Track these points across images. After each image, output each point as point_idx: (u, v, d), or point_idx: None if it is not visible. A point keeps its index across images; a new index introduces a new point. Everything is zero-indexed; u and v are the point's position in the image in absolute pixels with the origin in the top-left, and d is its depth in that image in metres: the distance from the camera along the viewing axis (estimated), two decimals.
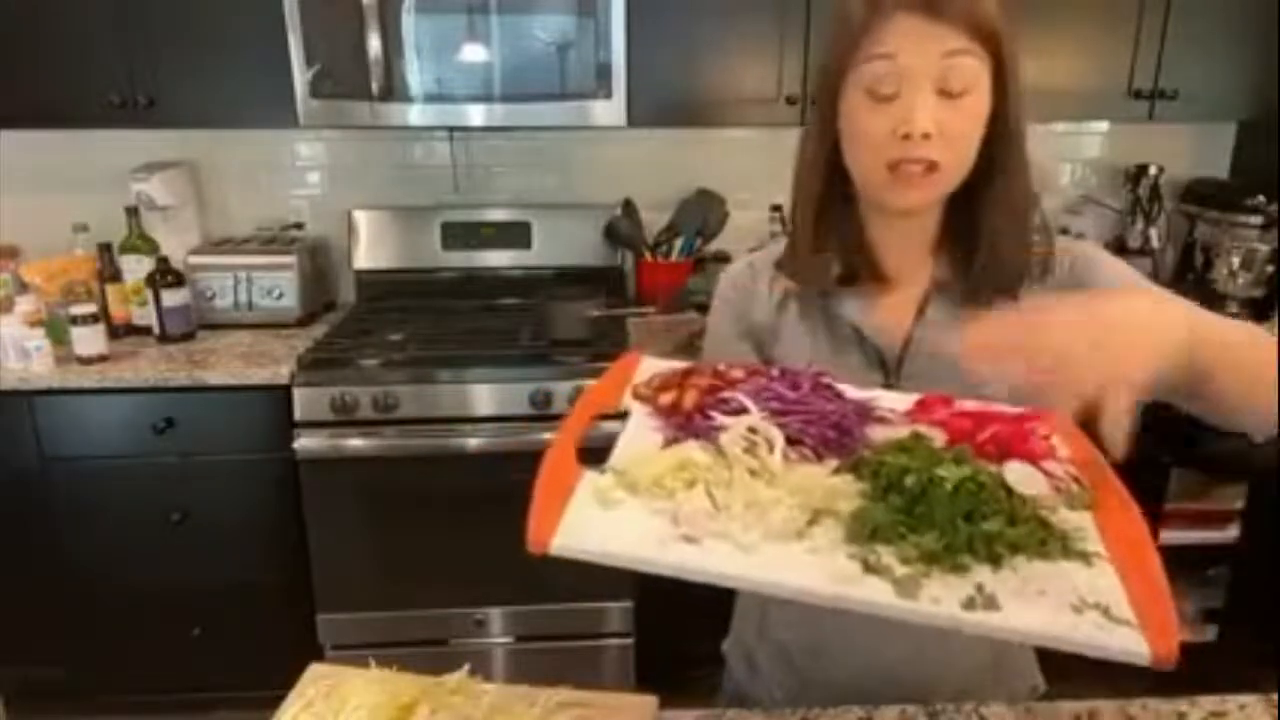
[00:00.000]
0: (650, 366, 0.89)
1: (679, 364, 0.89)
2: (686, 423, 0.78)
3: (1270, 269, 2.42)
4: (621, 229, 2.57)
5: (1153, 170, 2.60)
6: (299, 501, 2.11)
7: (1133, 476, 0.72)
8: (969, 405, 0.81)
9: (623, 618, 2.23)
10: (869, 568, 0.63)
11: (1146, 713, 0.91)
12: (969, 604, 0.60)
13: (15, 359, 2.08)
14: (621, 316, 2.31)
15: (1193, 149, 2.70)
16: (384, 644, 2.14)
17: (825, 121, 0.93)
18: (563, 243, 2.59)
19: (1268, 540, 2.25)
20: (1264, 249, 2.42)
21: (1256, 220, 2.42)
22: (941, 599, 0.61)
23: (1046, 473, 0.73)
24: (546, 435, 2.06)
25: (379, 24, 2.08)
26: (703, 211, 2.56)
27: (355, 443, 2.06)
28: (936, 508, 0.66)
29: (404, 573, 2.19)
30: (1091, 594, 0.61)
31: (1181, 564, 2.45)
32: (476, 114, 2.18)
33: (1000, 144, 0.89)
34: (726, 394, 0.80)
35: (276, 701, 0.89)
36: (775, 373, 0.85)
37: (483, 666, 2.04)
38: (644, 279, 2.62)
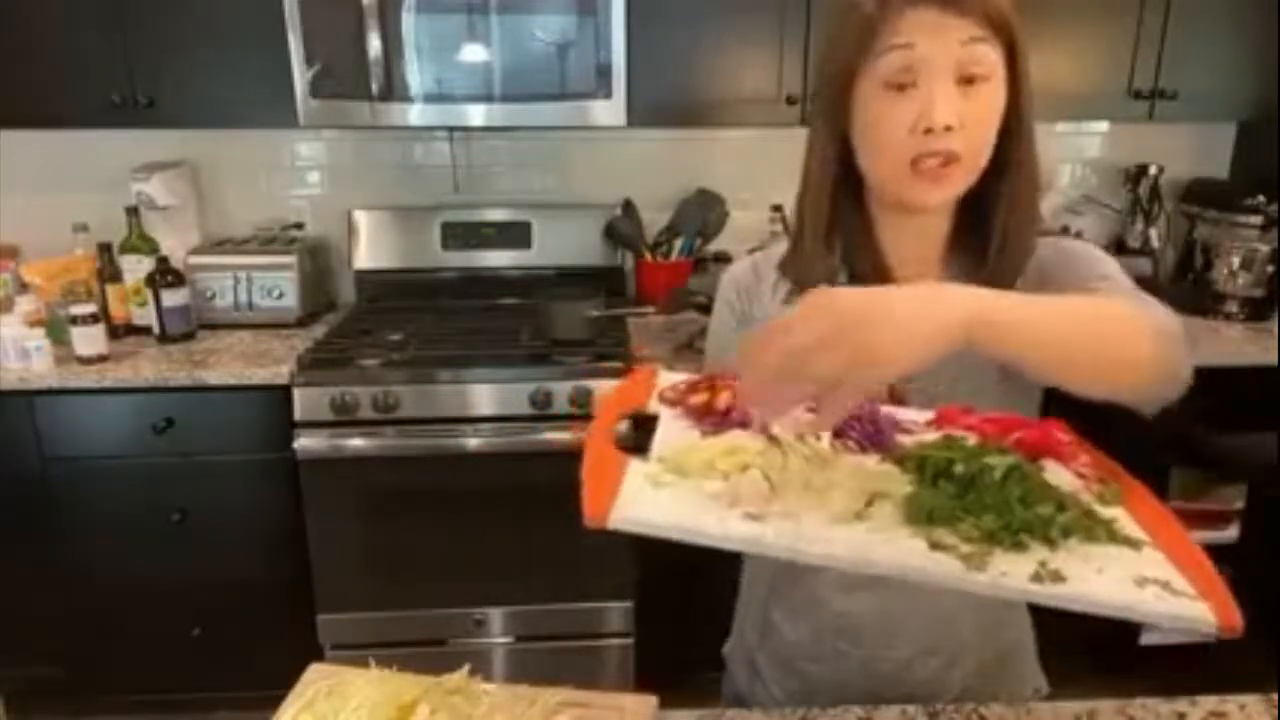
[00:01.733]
0: (669, 378, 0.90)
1: (696, 376, 0.89)
2: (723, 419, 0.79)
3: (1270, 269, 2.42)
4: (621, 229, 2.57)
5: (1153, 170, 2.60)
6: (299, 501, 2.11)
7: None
8: (989, 414, 0.82)
9: (623, 618, 2.23)
10: (935, 546, 0.64)
11: (1146, 712, 0.91)
12: (1036, 578, 0.61)
13: (15, 359, 2.07)
14: (621, 316, 2.32)
15: (1193, 149, 2.70)
16: (384, 644, 2.14)
17: (834, 119, 0.91)
18: (563, 243, 2.59)
19: (1268, 540, 2.25)
20: (1264, 249, 2.42)
21: (1256, 220, 2.42)
22: (1010, 573, 0.61)
23: (1075, 473, 0.75)
24: (547, 435, 2.06)
25: (379, 24, 2.08)
26: (703, 211, 2.56)
27: (355, 443, 2.06)
28: (987, 493, 0.67)
29: (404, 573, 2.19)
30: (1148, 571, 0.62)
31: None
32: (476, 114, 2.18)
33: (1013, 137, 0.89)
34: None
35: (276, 701, 0.89)
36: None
37: (483, 666, 2.04)
38: (644, 279, 2.62)
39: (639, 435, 0.81)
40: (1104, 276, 0.95)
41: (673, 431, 0.80)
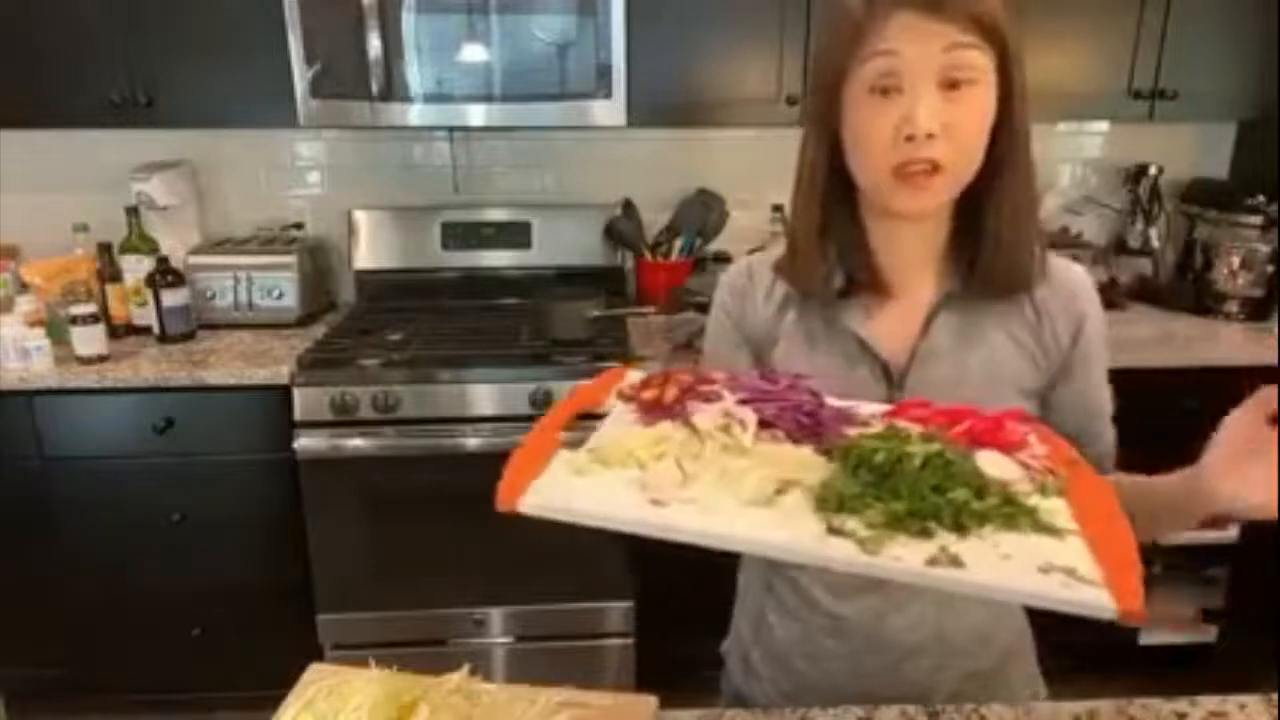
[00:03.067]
0: (637, 377, 0.91)
1: (646, 377, 0.90)
2: (665, 412, 0.81)
3: (1270, 269, 2.42)
4: (621, 229, 2.57)
5: (1153, 170, 2.60)
6: (299, 501, 2.11)
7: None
8: (945, 406, 0.82)
9: (623, 618, 2.23)
10: (834, 530, 0.65)
11: (1146, 713, 0.91)
12: (932, 562, 0.62)
13: (15, 359, 2.07)
14: (621, 316, 2.32)
15: (1193, 149, 2.70)
16: (384, 644, 2.14)
17: (825, 123, 0.91)
18: (563, 243, 2.59)
19: (1268, 540, 2.25)
20: (1264, 249, 2.42)
21: (1256, 220, 2.42)
22: (904, 557, 0.62)
23: (1020, 463, 0.74)
24: None
25: (379, 24, 2.08)
26: (703, 211, 2.56)
27: (355, 443, 2.06)
28: (904, 480, 0.68)
29: (404, 573, 2.19)
30: (1059, 559, 0.62)
31: (1181, 564, 2.46)
32: (476, 114, 2.18)
33: (1006, 142, 0.88)
34: (705, 388, 0.83)
35: (276, 701, 0.89)
36: (755, 374, 0.88)
37: (483, 666, 2.04)
38: (644, 279, 2.62)
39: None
40: (1101, 378, 1.01)
41: (617, 423, 0.82)
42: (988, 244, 0.91)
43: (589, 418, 0.86)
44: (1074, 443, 0.94)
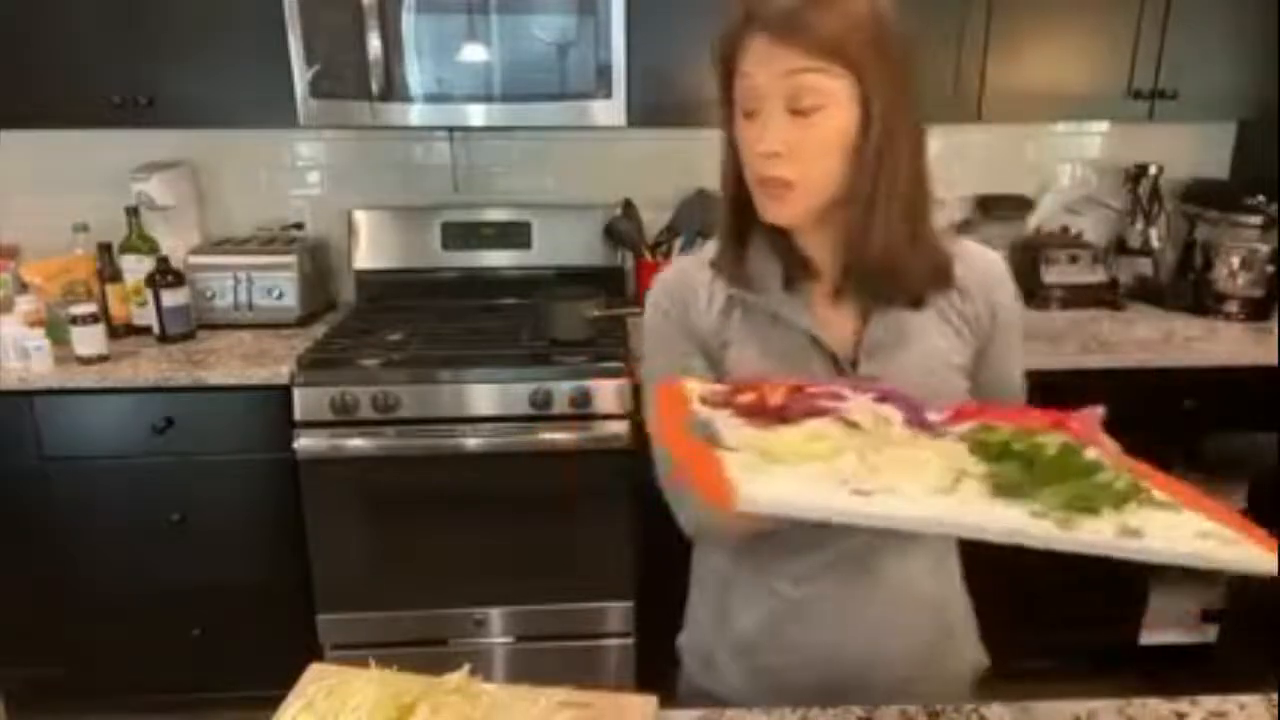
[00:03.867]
0: (696, 386, 0.91)
1: (727, 385, 0.91)
2: (781, 412, 0.82)
3: (1270, 269, 2.42)
4: (621, 229, 2.57)
5: (1153, 170, 2.60)
6: (299, 501, 2.11)
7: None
8: (996, 407, 0.88)
9: (623, 618, 2.23)
10: (1035, 514, 0.70)
11: (1146, 712, 0.91)
12: (1121, 534, 0.68)
13: (15, 359, 2.08)
14: (621, 316, 2.32)
15: (1193, 149, 2.70)
16: (384, 644, 2.15)
17: (726, 136, 0.96)
18: (563, 243, 2.59)
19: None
20: (1264, 249, 2.42)
21: (1256, 220, 2.42)
22: (1102, 531, 0.68)
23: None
24: (546, 435, 2.06)
25: (379, 24, 2.08)
26: (703, 211, 2.56)
27: (355, 443, 2.06)
28: (1050, 468, 0.73)
29: (404, 573, 2.19)
30: (1203, 527, 0.70)
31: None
32: (476, 114, 2.18)
33: (871, 158, 0.88)
34: (813, 388, 0.85)
35: (276, 701, 0.89)
36: (840, 379, 0.92)
37: (483, 666, 2.04)
38: (644, 279, 2.62)
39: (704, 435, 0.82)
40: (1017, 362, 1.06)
41: (734, 430, 0.82)
42: (873, 251, 0.93)
43: None
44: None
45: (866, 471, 0.73)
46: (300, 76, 2.11)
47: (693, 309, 1.02)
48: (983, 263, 1.02)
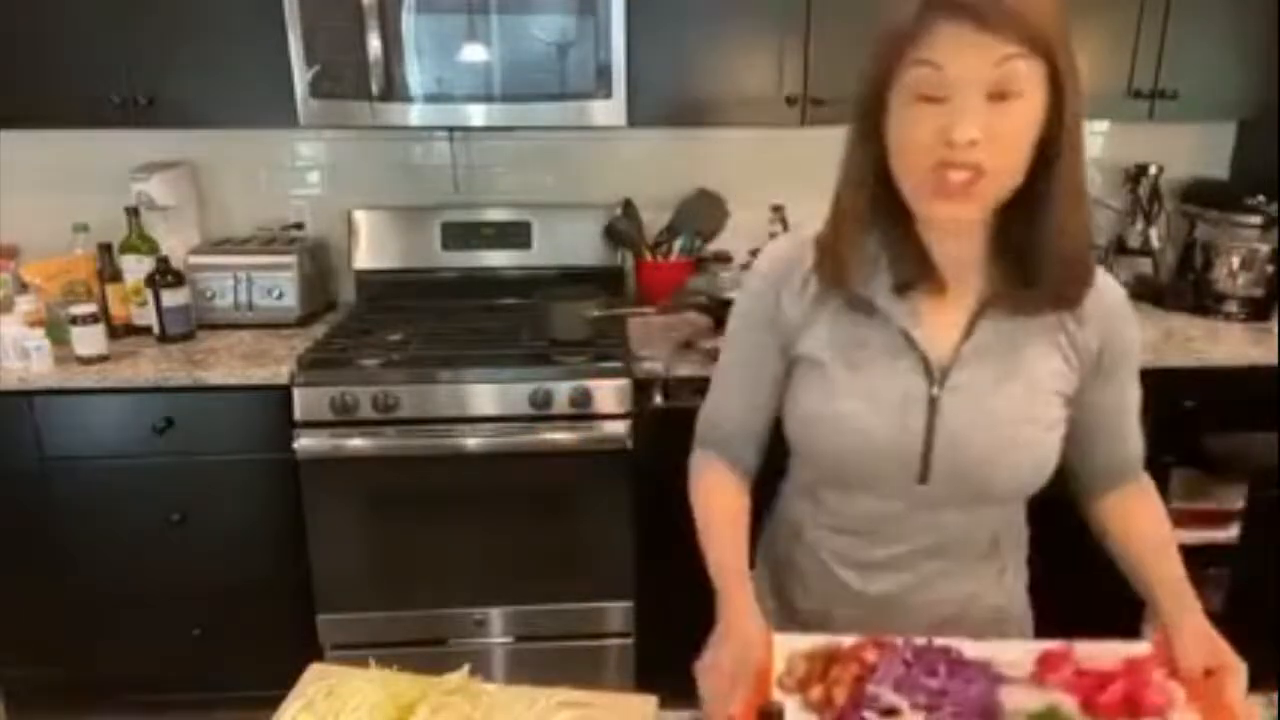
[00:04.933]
0: (783, 645, 0.94)
1: (808, 642, 0.94)
2: (840, 716, 0.84)
3: (1270, 269, 2.42)
4: (621, 229, 2.57)
5: (1153, 170, 2.60)
6: (299, 501, 2.11)
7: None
8: (1086, 663, 0.89)
9: (623, 618, 2.23)
10: None
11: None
12: None
13: (15, 359, 2.08)
14: (622, 316, 2.32)
15: (1193, 149, 2.70)
16: (384, 644, 2.14)
17: (869, 130, 0.91)
18: (563, 243, 2.59)
19: (1268, 540, 2.25)
20: (1264, 249, 2.42)
21: (1256, 220, 2.42)
22: None
23: None
24: (546, 435, 2.06)
25: (379, 24, 2.08)
26: (703, 211, 2.56)
27: (355, 443, 2.06)
28: None
29: (404, 573, 2.19)
30: None
31: (1181, 564, 2.45)
32: (476, 114, 2.18)
33: (1055, 150, 0.87)
34: (872, 688, 0.86)
35: (276, 701, 0.89)
36: (908, 655, 0.91)
37: (483, 666, 2.04)
38: (644, 279, 2.62)
39: None
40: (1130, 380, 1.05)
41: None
42: (1037, 250, 0.91)
43: None
44: (1104, 441, 1.04)
45: None
46: (300, 76, 2.11)
47: (785, 293, 1.02)
48: (1108, 293, 0.99)
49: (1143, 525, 1.06)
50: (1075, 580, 1.38)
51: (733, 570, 1.00)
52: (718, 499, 1.08)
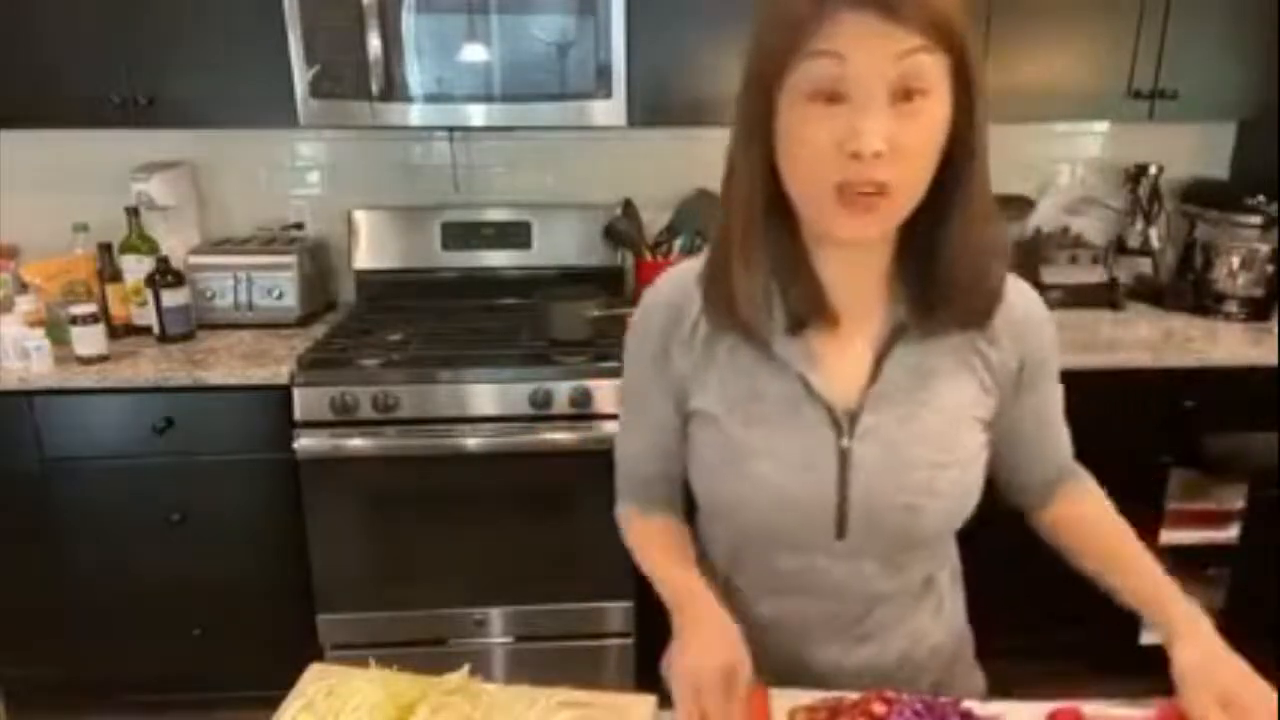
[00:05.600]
0: (785, 699, 0.91)
1: (810, 696, 0.90)
2: None
3: (1270, 269, 2.42)
4: (621, 229, 2.57)
5: (1153, 170, 2.60)
6: (299, 501, 2.11)
7: (1133, 477, 0.73)
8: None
9: (623, 618, 2.23)
10: None
11: (1147, 712, 0.91)
12: None
13: (15, 359, 2.08)
14: (621, 316, 2.31)
15: (1193, 149, 2.70)
16: (384, 644, 2.15)
17: (756, 135, 0.81)
18: (563, 243, 2.59)
19: (1268, 540, 2.26)
20: (1264, 249, 2.42)
21: (1256, 220, 2.42)
22: None
23: None
24: (547, 435, 2.06)
25: (379, 24, 2.08)
26: (703, 211, 2.56)
27: (355, 443, 2.06)
28: None
29: (404, 573, 2.19)
30: None
31: (1181, 564, 2.45)
32: (476, 114, 2.18)
33: (961, 155, 0.79)
34: None
35: (276, 701, 0.89)
36: (917, 706, 0.87)
37: (483, 666, 2.04)
38: (644, 279, 2.61)
39: None
40: (1051, 389, 0.98)
41: None
42: (944, 268, 0.83)
43: None
44: (1035, 452, 0.99)
45: None
46: (300, 76, 2.11)
47: (675, 344, 0.93)
48: (1018, 303, 0.90)
49: (1096, 532, 0.99)
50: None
51: (681, 576, 0.97)
52: (654, 541, 1.04)
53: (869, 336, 0.89)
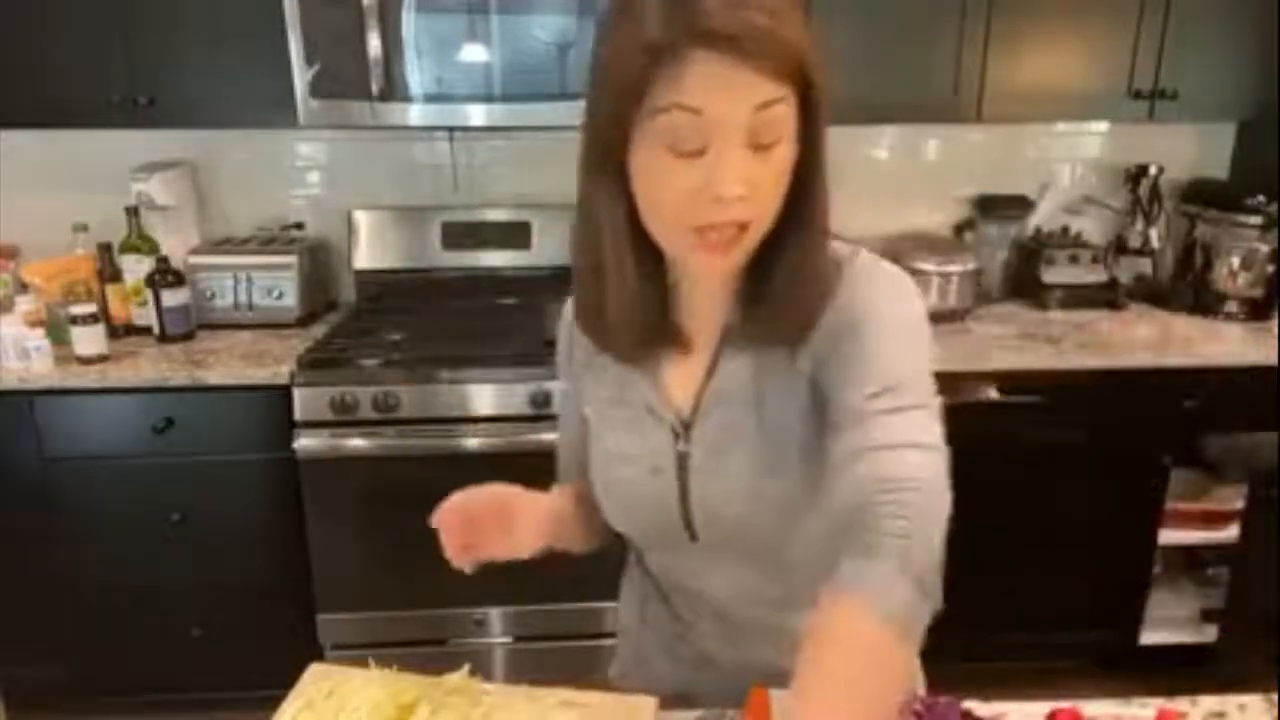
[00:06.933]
0: (781, 701, 0.87)
1: None
2: None
3: (1270, 269, 2.42)
4: None
5: (1153, 170, 2.60)
6: (299, 501, 2.11)
7: (1133, 477, 0.73)
8: None
9: None
10: None
11: (1146, 712, 0.91)
12: None
13: (15, 359, 2.08)
14: None
15: (1193, 149, 2.70)
16: (384, 644, 2.15)
17: (608, 165, 0.82)
18: (563, 243, 2.57)
19: (1268, 540, 2.25)
20: (1264, 249, 2.42)
21: (1256, 220, 2.42)
22: None
23: None
24: (546, 435, 2.06)
25: (379, 24, 2.08)
26: None
27: (355, 443, 2.06)
28: None
29: (404, 573, 2.19)
30: None
31: (1182, 564, 2.46)
32: (476, 114, 2.18)
33: (806, 184, 0.79)
34: None
35: (276, 701, 0.89)
36: (918, 707, 0.87)
37: (483, 666, 2.03)
38: None
39: None
40: (882, 390, 0.76)
41: None
42: (778, 282, 0.82)
43: None
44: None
45: None
46: (300, 76, 2.11)
47: (577, 344, 0.97)
48: (845, 304, 0.82)
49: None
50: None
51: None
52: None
53: (707, 346, 0.90)
